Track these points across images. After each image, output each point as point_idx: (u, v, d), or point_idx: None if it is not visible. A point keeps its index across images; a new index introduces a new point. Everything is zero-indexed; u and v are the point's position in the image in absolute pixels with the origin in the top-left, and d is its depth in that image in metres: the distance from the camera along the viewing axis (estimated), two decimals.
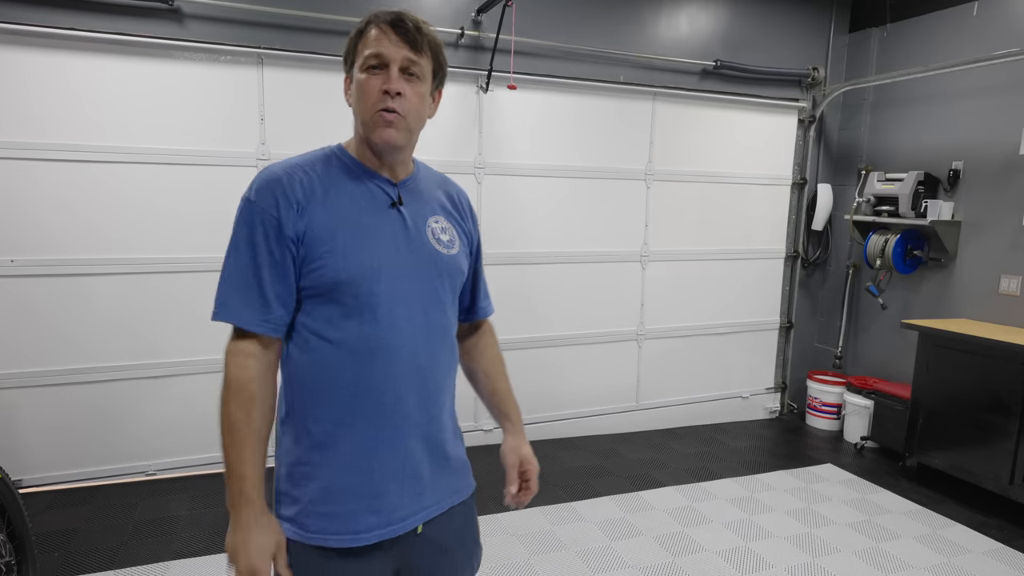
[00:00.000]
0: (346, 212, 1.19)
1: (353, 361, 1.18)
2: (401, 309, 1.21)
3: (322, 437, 1.21)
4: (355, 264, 1.17)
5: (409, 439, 1.24)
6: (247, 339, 1.19)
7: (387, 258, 1.21)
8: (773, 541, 3.12)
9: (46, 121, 3.19)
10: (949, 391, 3.67)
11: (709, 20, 4.42)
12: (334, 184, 1.21)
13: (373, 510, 1.21)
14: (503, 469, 1.50)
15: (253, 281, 1.17)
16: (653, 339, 4.61)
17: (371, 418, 1.20)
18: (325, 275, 1.16)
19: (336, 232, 1.17)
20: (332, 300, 1.18)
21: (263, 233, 1.16)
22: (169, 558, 2.81)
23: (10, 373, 3.27)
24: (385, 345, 1.19)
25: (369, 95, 1.17)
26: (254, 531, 1.17)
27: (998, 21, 3.88)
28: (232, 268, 1.19)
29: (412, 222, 1.26)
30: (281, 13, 3.46)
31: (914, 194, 4.12)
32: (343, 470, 1.21)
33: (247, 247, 1.17)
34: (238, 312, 1.18)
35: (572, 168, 4.22)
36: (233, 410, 1.18)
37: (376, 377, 1.19)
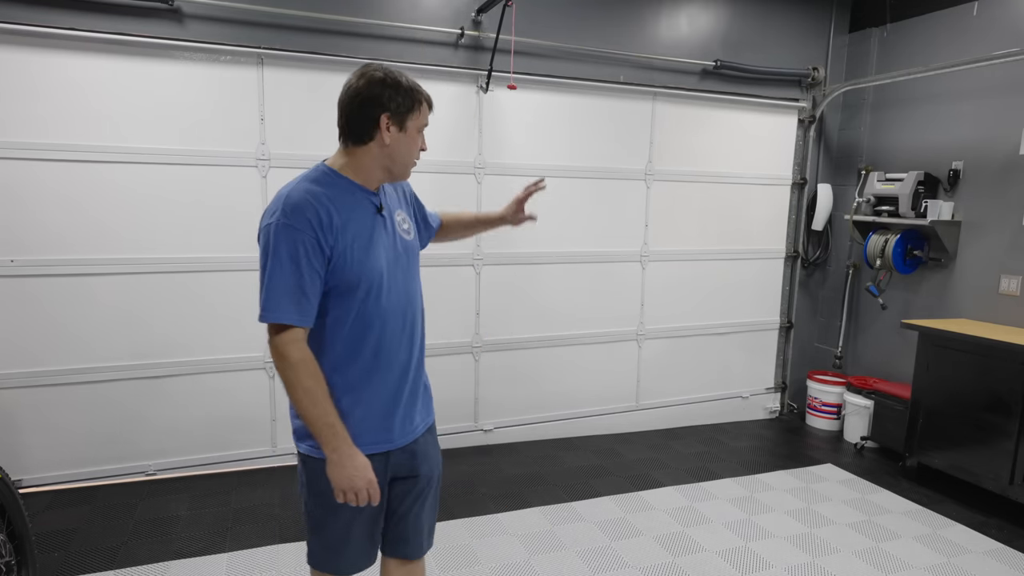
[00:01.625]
0: (355, 225, 1.56)
1: (370, 330, 1.60)
2: (395, 290, 1.64)
3: (348, 386, 1.60)
4: (368, 265, 1.57)
5: (409, 379, 1.71)
6: (295, 329, 1.50)
7: (385, 254, 1.62)
8: (773, 541, 3.12)
9: (47, 121, 3.19)
10: (949, 391, 3.67)
11: (709, 20, 4.42)
12: (342, 204, 1.56)
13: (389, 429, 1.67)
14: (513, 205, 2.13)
15: (297, 289, 1.49)
16: (653, 339, 4.61)
17: (384, 370, 1.64)
18: (350, 276, 1.55)
19: (354, 243, 1.55)
20: (352, 291, 1.56)
21: (304, 251, 1.48)
22: (169, 558, 2.81)
23: (11, 373, 3.27)
24: (390, 315, 1.63)
25: (415, 151, 1.65)
26: (357, 456, 1.55)
27: (998, 21, 3.88)
28: (279, 280, 1.49)
29: (389, 221, 1.66)
30: (281, 13, 3.46)
31: (914, 194, 4.12)
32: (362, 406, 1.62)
33: (290, 262, 1.48)
34: (289, 314, 1.49)
35: (572, 168, 4.22)
36: (306, 380, 1.50)
37: (385, 338, 1.63)
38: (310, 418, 1.51)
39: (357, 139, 1.58)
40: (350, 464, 1.53)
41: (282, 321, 1.49)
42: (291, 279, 1.48)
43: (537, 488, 3.61)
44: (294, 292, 1.49)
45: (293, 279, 1.48)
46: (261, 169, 3.56)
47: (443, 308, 3.97)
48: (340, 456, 1.53)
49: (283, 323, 1.49)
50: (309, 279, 1.50)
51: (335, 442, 1.52)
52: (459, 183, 3.94)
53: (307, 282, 1.50)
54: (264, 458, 3.79)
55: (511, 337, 4.22)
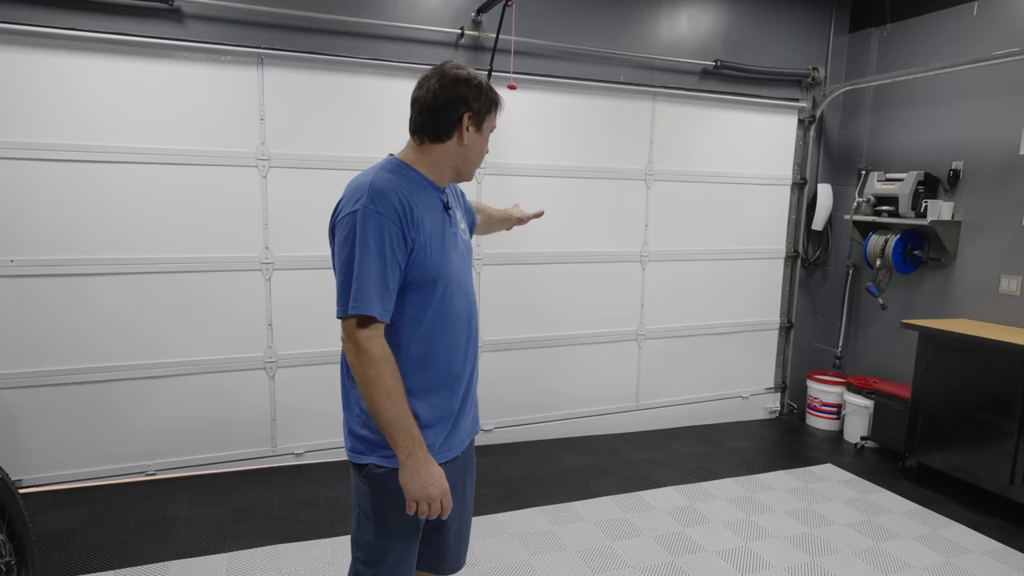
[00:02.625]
0: (431, 220, 1.52)
1: (444, 331, 1.55)
2: (462, 290, 1.60)
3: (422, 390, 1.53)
4: (442, 261, 1.53)
5: (471, 385, 1.67)
6: (376, 324, 1.43)
7: (452, 253, 1.58)
8: (773, 541, 3.12)
9: (47, 121, 3.19)
10: (949, 391, 3.67)
11: (709, 20, 4.42)
12: (418, 197, 1.51)
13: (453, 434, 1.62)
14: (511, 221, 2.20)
15: (382, 281, 1.42)
16: (653, 339, 4.61)
17: (453, 373, 1.59)
18: (427, 272, 1.49)
19: (431, 236, 1.50)
20: (429, 288, 1.51)
21: (390, 239, 1.42)
22: (169, 558, 2.81)
23: (10, 373, 3.27)
24: (459, 320, 1.58)
25: (482, 153, 1.63)
26: (433, 464, 1.47)
27: (998, 21, 3.88)
28: (369, 269, 1.41)
29: (454, 220, 1.63)
30: (281, 13, 3.46)
31: (914, 194, 4.12)
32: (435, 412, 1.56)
33: (378, 252, 1.42)
34: (375, 307, 1.42)
35: (572, 168, 4.22)
36: (388, 378, 1.42)
37: (456, 341, 1.58)
38: (390, 419, 1.42)
39: (435, 136, 1.53)
40: (425, 471, 1.45)
41: (370, 313, 1.41)
42: (378, 270, 1.41)
43: (537, 488, 3.61)
44: (379, 285, 1.42)
45: (379, 270, 1.41)
46: (261, 169, 3.56)
47: None
48: (416, 462, 1.44)
49: (369, 315, 1.41)
50: (392, 271, 1.43)
51: (412, 447, 1.44)
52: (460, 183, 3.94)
53: (390, 274, 1.43)
54: (264, 458, 3.79)
55: (511, 337, 4.22)
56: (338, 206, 1.49)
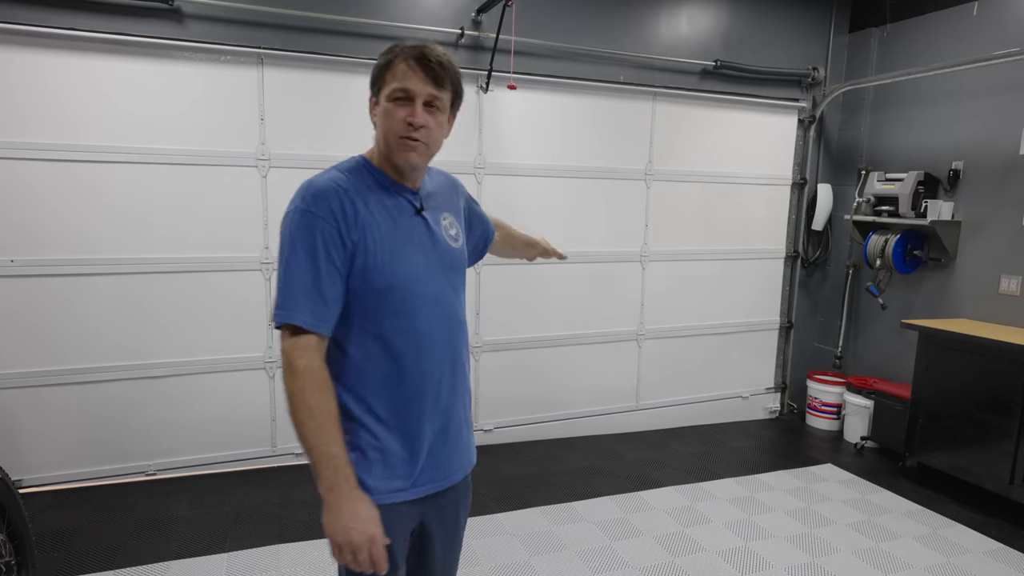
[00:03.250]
0: (387, 222, 1.35)
1: (406, 353, 1.36)
2: (435, 304, 1.40)
3: (383, 416, 1.36)
4: (400, 270, 1.34)
5: (451, 410, 1.45)
6: (308, 335, 1.28)
7: (422, 261, 1.38)
8: (773, 541, 3.12)
9: (47, 121, 3.19)
10: (949, 391, 3.67)
11: (709, 20, 4.42)
12: (371, 197, 1.35)
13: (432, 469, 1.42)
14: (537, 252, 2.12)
15: (314, 287, 1.28)
16: (653, 339, 4.61)
17: (422, 398, 1.38)
18: (377, 280, 1.32)
19: (383, 242, 1.33)
20: (382, 303, 1.34)
21: (323, 241, 1.28)
22: (169, 558, 2.81)
23: (10, 373, 3.27)
24: (429, 337, 1.38)
25: (394, 124, 1.33)
26: (359, 502, 1.27)
27: (998, 21, 3.88)
28: (296, 274, 1.28)
29: (432, 224, 1.43)
30: (281, 13, 3.46)
31: (914, 194, 4.12)
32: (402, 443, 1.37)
33: (308, 255, 1.28)
34: (303, 315, 1.28)
35: (572, 168, 4.21)
36: (312, 394, 1.26)
37: (424, 364, 1.38)
38: (310, 443, 1.25)
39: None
40: (349, 511, 1.24)
41: (294, 322, 1.27)
42: (308, 275, 1.28)
43: (537, 488, 3.61)
44: (308, 291, 1.28)
45: (310, 275, 1.28)
46: (261, 169, 3.56)
47: None
48: (338, 499, 1.24)
49: (295, 325, 1.27)
50: (328, 277, 1.29)
51: (334, 479, 1.24)
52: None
53: (325, 281, 1.28)
54: (264, 458, 3.79)
55: (511, 337, 4.22)
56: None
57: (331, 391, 1.29)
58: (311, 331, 1.28)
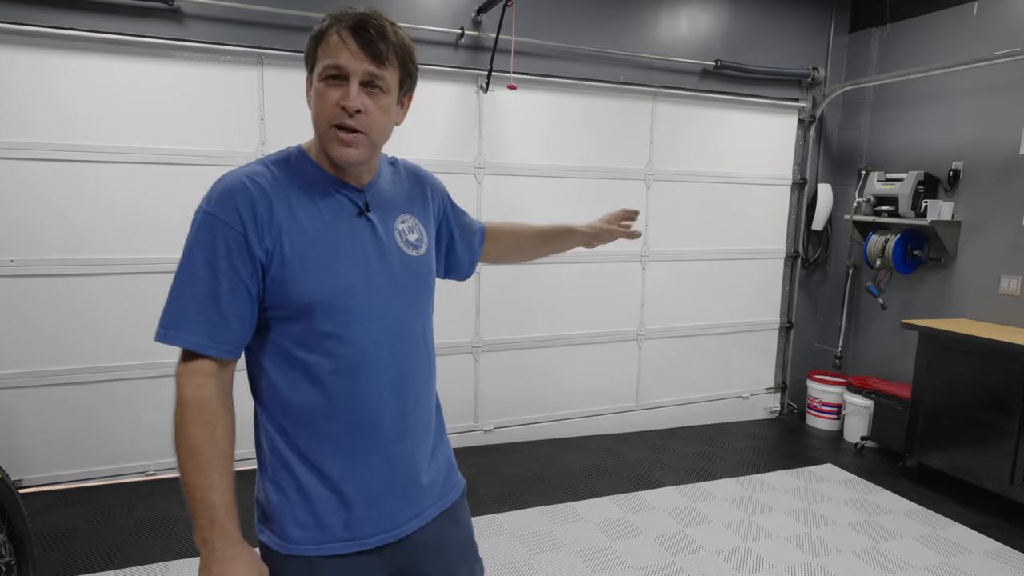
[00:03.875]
0: (314, 227, 1.13)
1: (336, 379, 1.15)
2: (378, 322, 1.17)
3: (309, 454, 1.16)
4: (328, 283, 1.12)
5: (398, 449, 1.22)
6: (202, 359, 1.11)
7: (360, 271, 1.16)
8: (773, 541, 3.12)
9: (47, 121, 3.19)
10: (949, 391, 3.66)
11: (709, 20, 4.42)
12: (300, 195, 1.14)
13: (369, 520, 1.19)
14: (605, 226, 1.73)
15: (210, 301, 1.08)
16: (653, 339, 4.61)
17: (359, 431, 1.17)
18: (297, 296, 1.11)
19: (306, 250, 1.11)
20: (306, 320, 1.12)
21: (225, 249, 1.08)
22: (169, 558, 2.81)
23: (10, 373, 3.27)
24: (367, 360, 1.16)
25: (326, 107, 1.11)
26: (232, 564, 1.07)
27: (998, 21, 3.88)
28: (188, 286, 1.09)
29: (381, 227, 1.21)
30: (281, 13, 3.46)
31: (914, 194, 4.12)
32: (331, 484, 1.17)
33: (205, 263, 1.08)
34: (193, 335, 1.08)
35: (572, 168, 4.21)
36: (194, 431, 1.09)
37: (360, 393, 1.16)
38: (187, 486, 1.07)
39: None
40: (219, 570, 1.06)
41: (184, 345, 1.09)
42: (203, 287, 1.08)
43: (537, 488, 3.61)
44: (201, 306, 1.08)
45: (206, 287, 1.08)
46: None
47: (443, 308, 3.97)
48: (210, 556, 1.06)
49: (188, 347, 1.09)
50: (229, 291, 1.08)
51: (209, 532, 1.06)
52: (459, 183, 3.94)
53: (224, 294, 1.08)
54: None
55: (511, 337, 4.22)
56: None
57: (223, 426, 1.11)
58: (205, 355, 1.10)
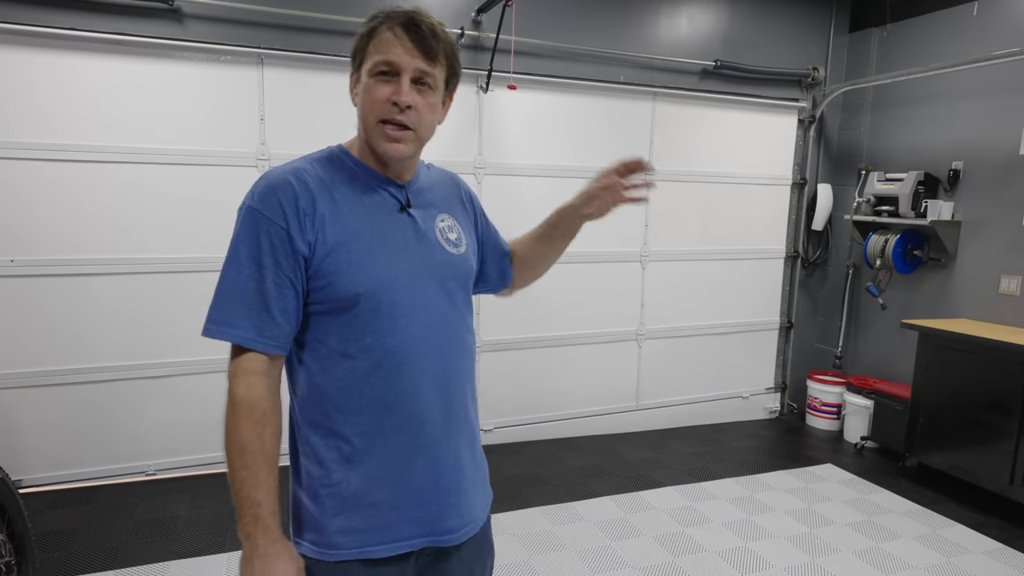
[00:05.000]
0: (357, 220, 1.15)
1: (379, 375, 1.15)
2: (420, 317, 1.17)
3: (350, 453, 1.16)
4: (372, 276, 1.13)
5: (443, 449, 1.20)
6: (253, 356, 1.12)
7: (402, 265, 1.17)
8: (773, 541, 3.12)
9: (46, 121, 3.19)
10: (949, 391, 3.66)
11: (709, 20, 4.42)
12: (342, 190, 1.16)
13: (415, 520, 1.19)
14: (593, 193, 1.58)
15: (257, 296, 1.10)
16: (653, 339, 4.61)
17: (402, 430, 1.17)
18: (341, 289, 1.12)
19: (349, 243, 1.13)
20: (349, 314, 1.13)
21: (270, 244, 1.10)
22: (169, 558, 2.81)
23: (10, 373, 3.27)
24: (410, 356, 1.16)
25: (376, 103, 1.13)
26: (274, 560, 1.10)
27: (998, 21, 3.88)
28: (234, 281, 1.11)
29: (422, 224, 1.22)
30: (281, 13, 3.46)
31: (914, 194, 4.12)
32: (377, 484, 1.17)
33: (251, 259, 1.10)
34: (242, 330, 1.10)
35: (572, 168, 4.21)
36: (245, 431, 1.10)
37: (404, 389, 1.16)
38: (235, 484, 1.09)
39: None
40: (260, 568, 1.08)
41: (232, 339, 1.10)
42: (250, 283, 1.10)
43: (537, 488, 3.61)
44: (249, 301, 1.09)
45: (253, 283, 1.09)
46: (261, 169, 3.56)
47: None
48: (252, 551, 1.09)
49: (235, 343, 1.11)
50: (275, 287, 1.10)
51: (252, 528, 1.09)
52: None
53: (271, 290, 1.09)
54: None
55: (511, 337, 4.22)
56: None
57: (272, 426, 1.12)
58: (256, 350, 1.11)
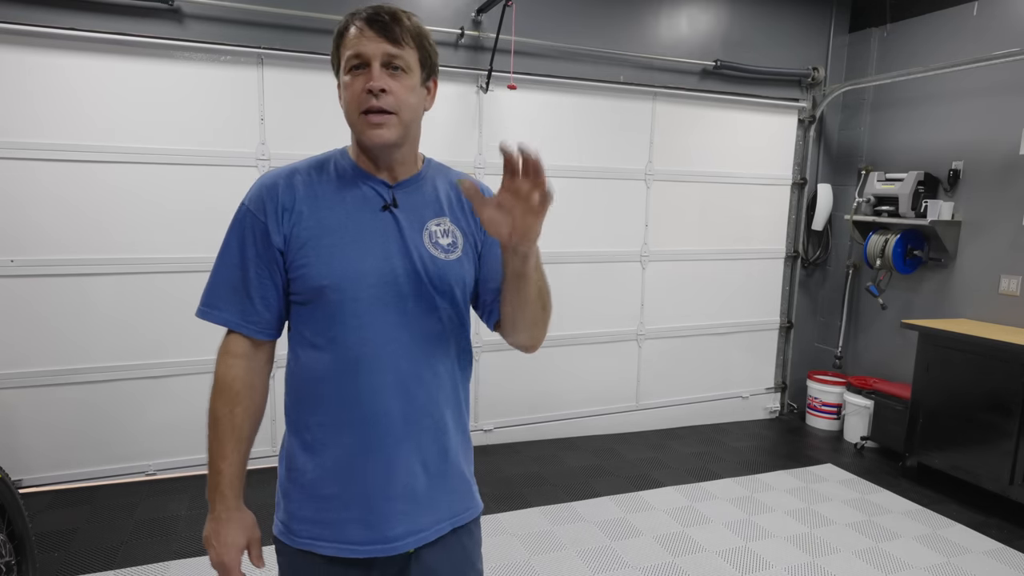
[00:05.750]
0: (334, 216, 1.19)
1: (338, 369, 1.18)
2: (388, 317, 1.17)
3: (311, 442, 1.22)
4: (338, 269, 1.16)
5: (398, 452, 1.19)
6: (236, 339, 1.23)
7: (375, 263, 1.17)
8: (773, 541, 3.12)
9: (46, 121, 3.19)
10: (949, 391, 3.67)
11: (709, 20, 4.42)
12: (325, 188, 1.21)
13: (364, 522, 1.19)
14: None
15: (240, 284, 1.21)
16: (653, 339, 4.61)
17: (356, 427, 1.18)
18: (309, 280, 1.17)
19: (320, 237, 1.17)
20: (316, 305, 1.18)
21: (252, 238, 1.20)
22: (169, 558, 2.81)
23: (10, 373, 3.27)
24: (369, 353, 1.17)
25: (354, 96, 1.16)
26: (225, 525, 1.22)
27: (998, 21, 3.88)
28: (220, 270, 1.23)
29: (406, 225, 1.21)
30: (281, 13, 3.46)
31: (914, 194, 4.12)
32: (330, 478, 1.20)
33: (235, 250, 1.22)
34: (224, 312, 1.22)
35: (572, 168, 4.21)
36: (218, 406, 1.21)
37: (360, 386, 1.17)
38: (208, 454, 1.21)
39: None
40: (213, 529, 1.22)
41: (217, 321, 1.22)
42: (233, 271, 1.21)
43: (537, 488, 3.61)
44: (232, 288, 1.21)
45: (237, 272, 1.21)
46: (261, 169, 3.56)
47: None
48: (212, 515, 1.22)
49: (220, 324, 1.23)
50: (255, 276, 1.20)
51: (213, 494, 1.21)
52: None
53: (253, 280, 1.20)
54: (264, 458, 3.79)
55: None
56: None
57: (242, 403, 1.21)
58: (240, 333, 1.22)
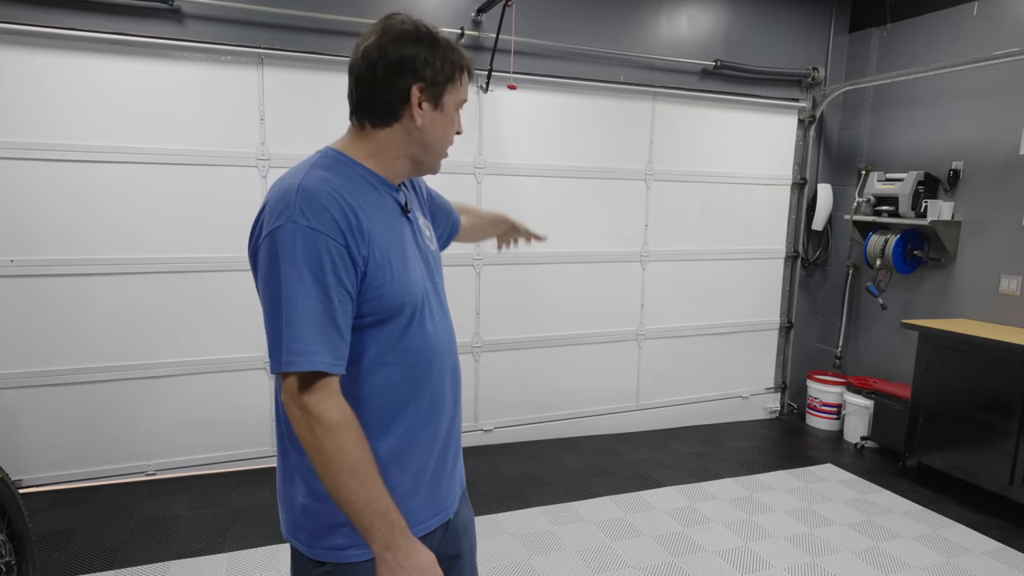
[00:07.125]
0: (386, 231, 1.16)
1: (413, 377, 1.19)
2: (436, 317, 1.24)
3: (400, 446, 1.20)
4: (410, 283, 1.17)
5: (452, 432, 1.32)
6: (330, 379, 1.07)
7: (418, 269, 1.22)
8: (773, 541, 3.12)
9: (47, 121, 3.19)
10: (949, 391, 3.67)
11: (709, 20, 4.42)
12: (367, 199, 1.15)
13: (431, 501, 1.26)
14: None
15: (326, 318, 1.05)
16: (653, 339, 4.61)
17: (431, 423, 1.24)
18: (389, 300, 1.13)
19: (388, 254, 1.13)
20: (392, 322, 1.15)
21: (331, 262, 1.05)
22: (169, 558, 2.81)
23: (10, 373, 3.27)
24: (437, 354, 1.23)
25: (451, 133, 1.24)
26: (422, 554, 1.12)
27: (998, 21, 3.88)
28: (305, 308, 1.04)
29: (416, 226, 1.27)
30: (281, 13, 3.46)
31: (914, 194, 4.12)
32: (412, 479, 1.22)
33: (314, 280, 1.04)
34: (320, 355, 1.05)
35: (572, 168, 4.22)
36: (353, 451, 1.06)
37: (432, 384, 1.23)
38: (359, 504, 1.06)
39: (378, 117, 1.16)
40: (412, 564, 1.09)
41: (315, 368, 1.04)
42: (318, 306, 1.04)
43: (537, 488, 3.61)
44: (323, 326, 1.04)
45: (321, 307, 1.04)
46: (261, 169, 3.56)
47: None
48: (398, 556, 1.08)
49: (314, 371, 1.04)
50: (341, 306, 1.06)
51: (391, 536, 1.08)
52: (459, 183, 3.94)
53: (338, 310, 1.06)
54: (264, 458, 3.79)
55: (511, 337, 4.22)
56: (258, 221, 1.11)
57: (365, 441, 1.09)
58: (333, 373, 1.06)
